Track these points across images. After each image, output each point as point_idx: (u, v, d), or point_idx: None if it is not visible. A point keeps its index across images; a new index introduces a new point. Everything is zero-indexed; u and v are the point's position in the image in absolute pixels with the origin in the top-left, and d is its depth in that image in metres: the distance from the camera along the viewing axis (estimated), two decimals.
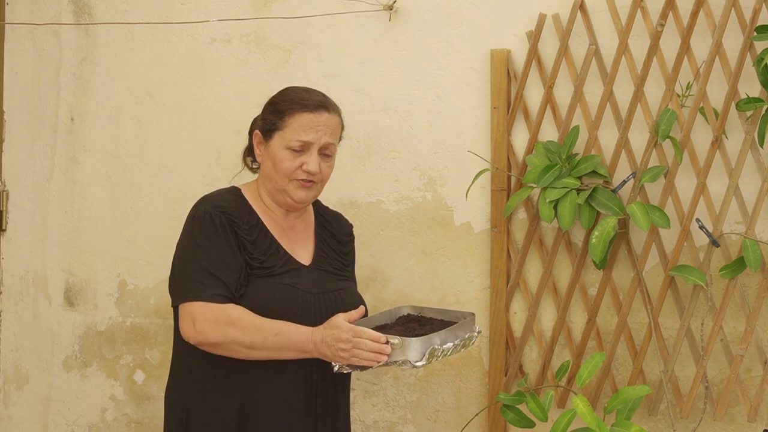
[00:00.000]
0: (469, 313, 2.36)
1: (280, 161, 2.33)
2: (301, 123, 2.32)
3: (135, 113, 3.26)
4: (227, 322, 2.19)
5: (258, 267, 2.29)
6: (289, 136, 2.32)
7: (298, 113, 2.32)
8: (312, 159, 2.32)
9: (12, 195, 3.42)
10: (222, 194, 2.37)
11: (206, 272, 2.23)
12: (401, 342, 2.14)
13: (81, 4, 3.32)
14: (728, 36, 2.58)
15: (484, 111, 2.85)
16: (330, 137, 2.35)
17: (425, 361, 2.15)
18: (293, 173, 2.32)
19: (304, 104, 2.33)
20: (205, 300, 2.21)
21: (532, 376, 2.81)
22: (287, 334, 2.20)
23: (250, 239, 2.30)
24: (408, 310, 2.45)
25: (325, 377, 2.35)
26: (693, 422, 2.64)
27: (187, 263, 2.27)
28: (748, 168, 2.59)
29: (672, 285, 2.65)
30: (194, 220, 2.29)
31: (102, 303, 3.30)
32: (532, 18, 2.79)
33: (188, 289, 2.24)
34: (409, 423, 2.96)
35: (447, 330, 2.23)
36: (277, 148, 2.33)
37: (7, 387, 3.44)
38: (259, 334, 2.20)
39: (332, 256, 2.47)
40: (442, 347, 2.20)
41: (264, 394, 2.29)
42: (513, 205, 2.73)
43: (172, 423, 2.37)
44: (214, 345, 2.22)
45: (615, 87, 2.70)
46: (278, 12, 3.06)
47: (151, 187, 3.24)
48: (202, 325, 2.20)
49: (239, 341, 2.20)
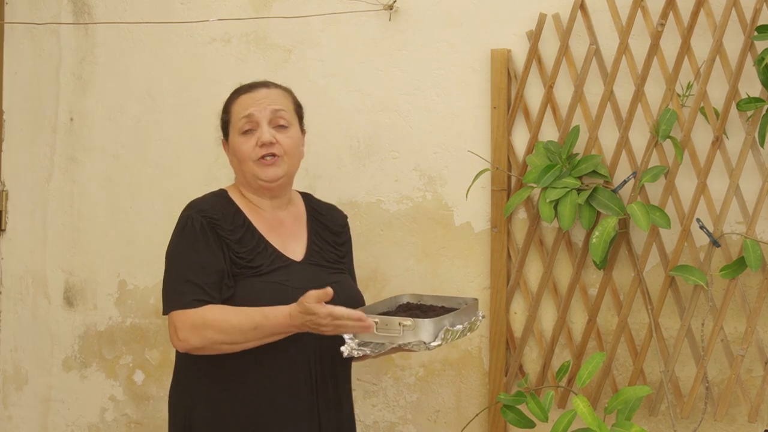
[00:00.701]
0: (471, 299, 2.43)
1: (238, 147, 2.38)
2: (240, 105, 2.40)
3: (135, 113, 3.26)
4: (203, 326, 2.22)
5: (245, 266, 2.31)
6: (235, 121, 2.40)
7: (237, 99, 2.42)
8: (264, 131, 2.36)
9: (11, 195, 3.42)
10: (208, 198, 2.42)
11: (183, 280, 2.27)
12: (414, 323, 2.18)
13: (81, 4, 3.31)
14: (729, 36, 2.58)
15: (484, 111, 2.85)
16: (274, 105, 2.39)
17: (440, 341, 2.20)
18: (252, 152, 2.36)
19: (239, 90, 2.44)
20: (182, 308, 2.25)
21: (532, 376, 2.81)
22: (265, 326, 2.22)
23: (234, 238, 2.32)
24: (408, 298, 2.52)
25: (325, 374, 2.36)
26: (693, 422, 2.64)
27: (167, 274, 2.33)
28: (748, 168, 2.59)
29: (672, 285, 2.65)
30: (177, 228, 2.35)
31: (102, 303, 3.30)
32: (532, 18, 2.79)
33: (168, 300, 2.30)
34: (409, 423, 2.96)
35: (455, 313, 2.30)
36: (234, 138, 2.40)
37: (7, 387, 3.43)
38: (237, 331, 2.22)
39: (326, 249, 2.47)
40: (454, 328, 2.25)
41: (265, 394, 2.29)
42: (513, 205, 2.72)
43: (176, 425, 2.37)
44: (199, 349, 2.26)
45: (615, 87, 2.70)
46: (278, 12, 3.05)
47: (150, 187, 3.24)
48: (183, 333, 2.24)
49: (220, 341, 2.23)
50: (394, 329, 2.21)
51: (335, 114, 3.01)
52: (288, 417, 2.31)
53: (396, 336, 2.20)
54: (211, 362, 2.29)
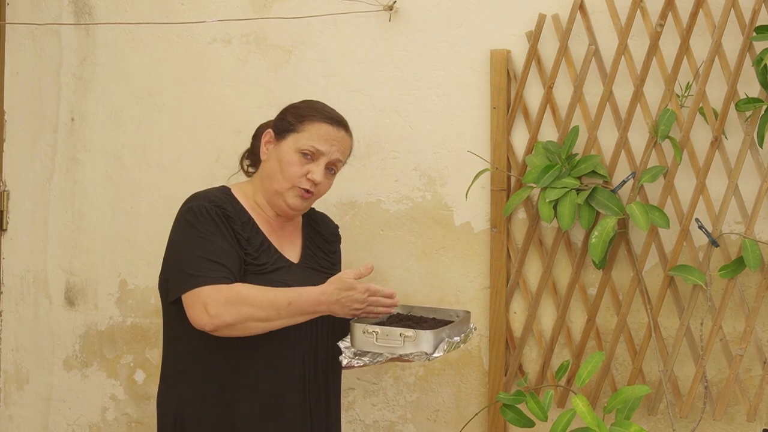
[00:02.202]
0: (462, 311, 2.44)
1: (288, 163, 2.35)
2: (319, 131, 2.36)
3: (135, 113, 3.26)
4: (239, 301, 2.18)
5: (251, 263, 2.31)
6: (304, 139, 2.35)
7: (319, 122, 2.37)
8: (319, 169, 2.35)
9: (13, 195, 3.43)
10: (213, 192, 2.38)
11: (208, 261, 2.22)
12: (415, 334, 2.20)
13: (81, 5, 3.32)
14: (727, 36, 2.59)
15: (484, 111, 2.86)
16: (341, 154, 2.41)
17: (441, 353, 2.22)
18: (297, 179, 2.35)
19: (326, 115, 2.39)
20: (211, 283, 2.19)
21: (531, 375, 2.81)
22: (298, 301, 2.21)
23: (244, 235, 2.31)
24: (398, 309, 2.50)
25: (317, 374, 2.38)
26: (692, 422, 2.64)
27: (187, 254, 2.24)
28: (747, 168, 2.59)
29: (671, 285, 2.65)
30: (189, 214, 2.28)
31: (102, 303, 3.30)
32: (531, 18, 2.79)
33: (193, 276, 2.21)
34: (409, 423, 2.96)
35: (452, 325, 2.32)
36: (288, 149, 2.36)
37: (8, 387, 3.44)
38: (273, 307, 2.20)
39: (319, 255, 2.50)
40: (452, 340, 2.28)
41: (257, 392, 2.30)
42: (513, 205, 2.73)
43: (165, 427, 2.36)
44: (231, 326, 2.19)
45: (614, 87, 2.70)
46: (278, 12, 3.06)
47: (151, 187, 3.24)
48: (216, 309, 2.17)
49: (255, 317, 2.19)
50: (395, 340, 2.22)
51: None
52: (280, 415, 2.31)
53: (397, 347, 2.22)
54: (202, 360, 2.29)
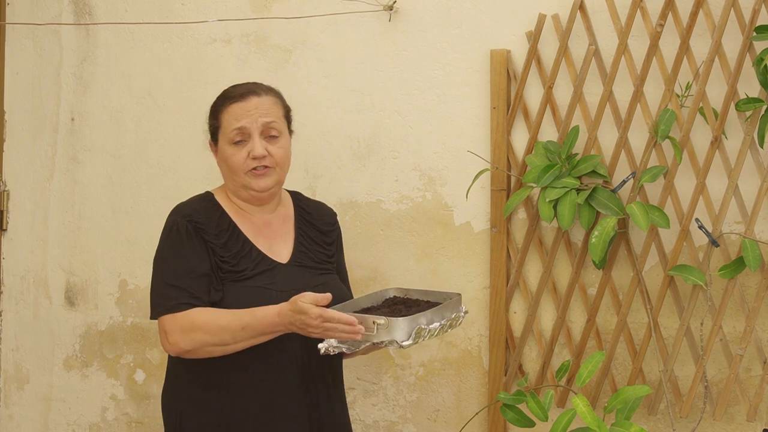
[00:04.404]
0: (454, 294, 2.37)
1: (229, 158, 2.36)
2: (232, 114, 2.36)
3: (135, 113, 3.26)
4: (192, 328, 2.23)
5: (230, 270, 2.31)
6: (226, 130, 2.36)
7: (228, 106, 2.37)
8: (255, 143, 2.34)
9: (13, 195, 3.43)
10: (194, 201, 2.41)
11: (169, 285, 2.28)
12: (387, 322, 2.14)
13: (81, 5, 3.32)
14: (727, 36, 2.59)
15: (484, 111, 2.86)
16: (266, 117, 2.36)
17: (412, 341, 2.15)
18: (244, 164, 2.35)
19: (230, 97, 2.38)
20: (169, 312, 2.26)
21: (531, 375, 2.81)
22: (253, 326, 2.22)
23: (219, 243, 2.32)
24: (394, 292, 2.46)
25: (315, 375, 2.35)
26: (692, 422, 2.65)
27: (154, 279, 2.34)
28: (747, 168, 2.59)
29: (671, 285, 2.65)
30: (164, 231, 2.35)
31: (102, 303, 3.30)
32: (531, 18, 2.79)
33: (156, 305, 2.31)
34: (409, 422, 2.96)
35: (433, 310, 2.24)
36: (224, 146, 2.38)
37: (8, 386, 3.44)
38: (226, 332, 2.22)
39: (314, 249, 2.46)
40: (429, 327, 2.20)
41: (256, 397, 2.30)
42: (513, 205, 2.73)
43: (169, 427, 2.39)
44: (190, 352, 2.26)
45: (614, 87, 2.70)
46: (278, 12, 3.06)
47: (151, 187, 3.24)
48: (173, 337, 2.25)
49: (209, 342, 2.23)
50: (368, 327, 2.16)
51: (335, 114, 3.01)
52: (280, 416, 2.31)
53: (370, 334, 2.16)
54: (201, 366, 2.30)
